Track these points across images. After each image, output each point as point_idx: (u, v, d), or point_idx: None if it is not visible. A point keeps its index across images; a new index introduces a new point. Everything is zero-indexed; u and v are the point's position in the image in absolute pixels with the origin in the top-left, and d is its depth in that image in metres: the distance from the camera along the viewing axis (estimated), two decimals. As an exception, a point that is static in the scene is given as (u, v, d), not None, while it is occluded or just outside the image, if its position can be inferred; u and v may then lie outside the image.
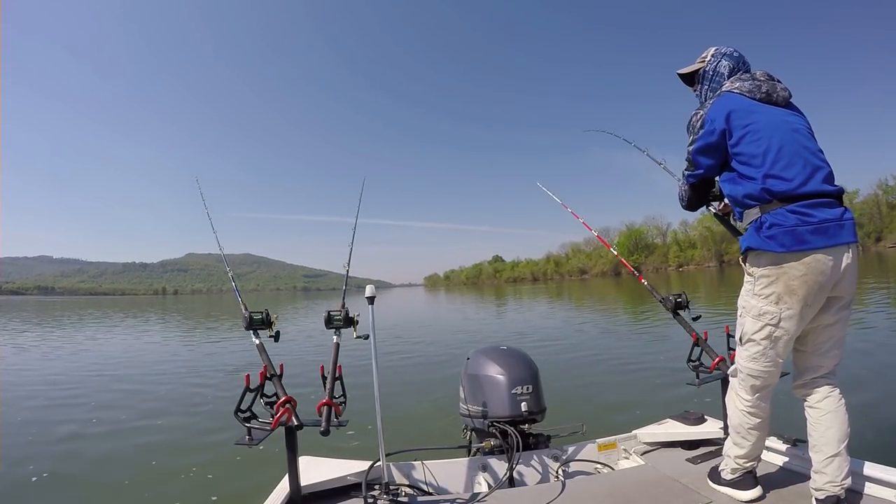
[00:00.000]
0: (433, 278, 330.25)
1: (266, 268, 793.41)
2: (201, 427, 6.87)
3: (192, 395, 8.98)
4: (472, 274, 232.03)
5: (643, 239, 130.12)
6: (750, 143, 2.23)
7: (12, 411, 7.97)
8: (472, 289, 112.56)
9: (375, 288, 2.57)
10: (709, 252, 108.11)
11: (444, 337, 16.93)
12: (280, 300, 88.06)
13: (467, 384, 3.15)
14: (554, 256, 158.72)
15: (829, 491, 2.12)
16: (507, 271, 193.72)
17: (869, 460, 2.34)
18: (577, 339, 13.94)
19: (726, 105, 2.31)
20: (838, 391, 2.27)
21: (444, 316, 29.21)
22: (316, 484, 2.62)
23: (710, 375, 3.08)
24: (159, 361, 13.49)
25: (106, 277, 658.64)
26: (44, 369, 12.50)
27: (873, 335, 10.11)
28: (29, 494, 4.86)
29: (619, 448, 3.29)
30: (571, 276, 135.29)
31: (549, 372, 3.37)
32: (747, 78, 2.39)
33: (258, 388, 2.48)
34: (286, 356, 9.87)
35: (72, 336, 21.95)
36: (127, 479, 5.13)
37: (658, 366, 9.02)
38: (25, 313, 45.58)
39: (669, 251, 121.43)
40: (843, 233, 2.10)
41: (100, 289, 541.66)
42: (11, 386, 10.26)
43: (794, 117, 2.31)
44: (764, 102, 2.30)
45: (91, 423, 7.26)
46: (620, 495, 2.49)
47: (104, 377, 11.27)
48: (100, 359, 14.31)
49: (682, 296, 3.31)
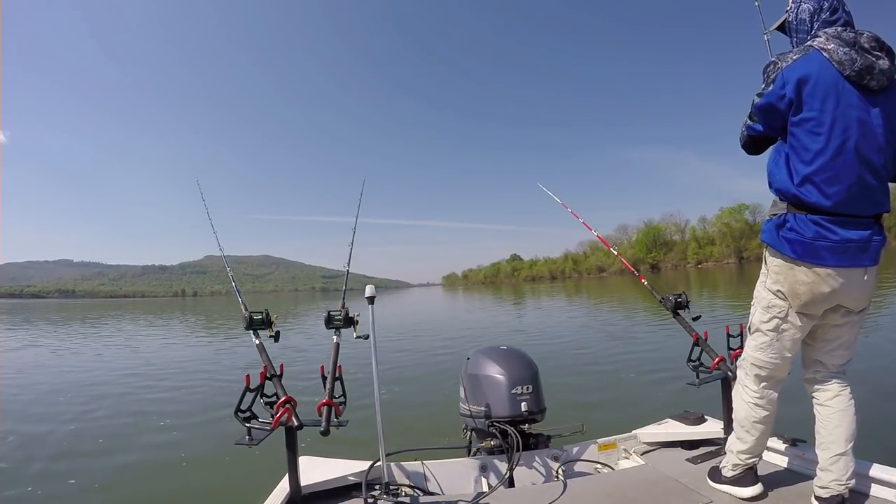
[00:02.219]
0: (451, 278, 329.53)
1: (285, 269, 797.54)
2: (202, 426, 6.96)
3: (196, 394, 9.12)
4: (490, 273, 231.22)
5: (661, 236, 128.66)
6: (808, 132, 2.04)
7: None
8: (489, 288, 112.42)
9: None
10: (728, 249, 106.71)
11: (449, 335, 17.00)
12: (299, 300, 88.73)
13: (467, 384, 3.15)
14: (572, 255, 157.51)
15: (834, 490, 2.11)
16: (525, 270, 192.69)
17: (872, 460, 2.33)
18: (577, 339, 13.95)
19: (805, 69, 2.03)
20: (848, 391, 2.25)
21: (460, 315, 29.21)
22: (316, 484, 2.63)
23: (710, 375, 3.07)
24: (168, 360, 13.78)
25: (126, 280, 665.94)
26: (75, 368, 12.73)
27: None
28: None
29: (619, 448, 3.29)
30: (590, 274, 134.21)
31: (549, 372, 3.37)
32: (848, 39, 2.02)
33: (258, 388, 2.50)
34: (298, 354, 9.88)
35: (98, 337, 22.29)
36: (126, 479, 5.20)
37: (658, 365, 9.01)
38: (59, 316, 46.19)
39: (688, 248, 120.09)
40: (863, 256, 2.05)
41: (120, 291, 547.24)
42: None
43: (876, 114, 2.02)
44: (852, 82, 2.00)
45: (92, 422, 7.39)
46: (620, 495, 2.49)
47: (119, 375, 11.50)
48: (118, 359, 14.54)
49: (682, 296, 3.30)
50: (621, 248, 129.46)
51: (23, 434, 6.81)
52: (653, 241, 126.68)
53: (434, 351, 13.29)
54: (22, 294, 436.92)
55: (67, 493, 4.94)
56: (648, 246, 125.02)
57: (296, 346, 14.92)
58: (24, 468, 5.53)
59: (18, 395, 9.62)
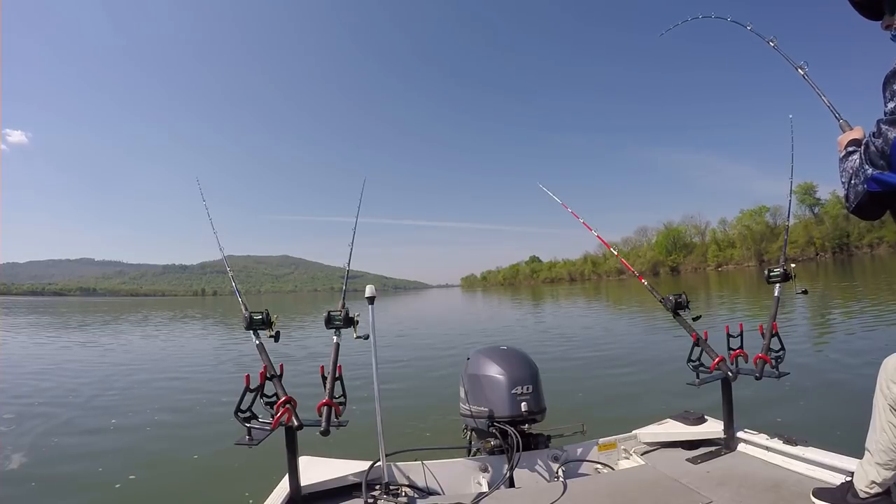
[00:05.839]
0: (470, 279, 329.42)
1: (304, 269, 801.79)
2: (202, 426, 7.06)
3: (199, 393, 9.29)
4: (509, 274, 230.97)
5: (681, 238, 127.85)
6: None
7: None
8: (508, 290, 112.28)
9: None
10: (748, 251, 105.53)
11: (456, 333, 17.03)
12: (318, 300, 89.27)
13: (467, 384, 3.16)
14: (591, 256, 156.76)
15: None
16: (544, 272, 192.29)
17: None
18: (578, 338, 13.97)
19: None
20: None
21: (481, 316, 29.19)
22: (316, 484, 2.65)
23: (710, 375, 3.05)
24: (173, 359, 14.18)
25: (146, 279, 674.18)
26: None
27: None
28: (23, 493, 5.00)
29: (619, 448, 3.28)
30: (609, 276, 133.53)
31: (549, 371, 3.37)
32: None
33: (258, 388, 2.52)
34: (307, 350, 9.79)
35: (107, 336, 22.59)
36: (126, 478, 5.26)
37: (658, 365, 9.02)
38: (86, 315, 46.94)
39: (708, 251, 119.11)
40: None
41: (140, 290, 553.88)
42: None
43: None
44: None
45: (94, 421, 7.56)
46: (620, 495, 2.50)
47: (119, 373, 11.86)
48: (119, 358, 14.87)
49: (682, 296, 3.28)
50: (641, 251, 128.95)
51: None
52: (672, 244, 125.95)
53: (435, 351, 13.44)
54: (44, 292, 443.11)
55: (67, 492, 5.02)
56: (668, 248, 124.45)
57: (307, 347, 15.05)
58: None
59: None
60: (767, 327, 3.10)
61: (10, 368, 12.99)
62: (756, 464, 2.77)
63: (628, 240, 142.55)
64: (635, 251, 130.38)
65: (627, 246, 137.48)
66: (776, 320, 3.12)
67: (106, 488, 5.06)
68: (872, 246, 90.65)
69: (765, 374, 3.00)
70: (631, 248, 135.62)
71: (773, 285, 3.32)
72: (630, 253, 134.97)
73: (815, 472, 2.53)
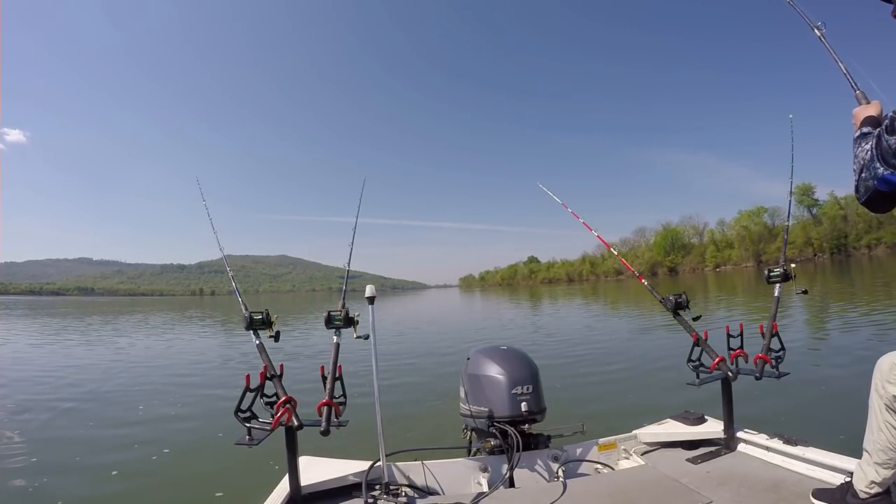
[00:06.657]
0: (468, 279, 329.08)
1: (302, 269, 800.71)
2: (202, 426, 7.04)
3: (199, 393, 9.30)
4: (508, 275, 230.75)
5: (680, 239, 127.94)
6: None
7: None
8: (506, 290, 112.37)
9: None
10: (746, 252, 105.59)
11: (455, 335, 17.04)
12: (316, 300, 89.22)
13: (467, 384, 3.16)
14: (590, 257, 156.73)
15: None
16: (542, 272, 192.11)
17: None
18: (577, 338, 13.98)
19: None
20: None
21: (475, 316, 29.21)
22: (316, 484, 2.65)
23: (710, 375, 3.06)
24: (173, 357, 14.22)
25: (144, 279, 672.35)
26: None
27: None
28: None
29: (619, 448, 3.29)
30: (607, 276, 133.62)
31: (549, 371, 3.37)
32: None
33: (258, 388, 2.52)
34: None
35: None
36: (126, 478, 5.25)
37: (658, 365, 9.03)
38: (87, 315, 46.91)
39: (706, 251, 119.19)
40: None
41: (138, 290, 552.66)
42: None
43: None
44: None
45: (92, 421, 7.51)
46: (621, 495, 2.50)
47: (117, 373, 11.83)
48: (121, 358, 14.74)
49: (682, 296, 3.28)
50: (639, 251, 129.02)
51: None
52: (671, 244, 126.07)
53: (435, 351, 13.44)
54: (42, 291, 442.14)
55: (67, 492, 4.99)
56: (666, 249, 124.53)
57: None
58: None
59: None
60: (767, 327, 3.11)
61: (8, 369, 12.95)
62: (756, 464, 2.77)
63: (626, 240, 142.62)
64: (633, 252, 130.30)
65: (626, 246, 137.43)
66: (776, 320, 3.12)
67: (106, 488, 5.04)
68: (870, 247, 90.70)
69: (765, 375, 3.01)
70: (629, 248, 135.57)
71: (773, 285, 3.33)
72: (628, 253, 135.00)
73: (815, 472, 2.53)
